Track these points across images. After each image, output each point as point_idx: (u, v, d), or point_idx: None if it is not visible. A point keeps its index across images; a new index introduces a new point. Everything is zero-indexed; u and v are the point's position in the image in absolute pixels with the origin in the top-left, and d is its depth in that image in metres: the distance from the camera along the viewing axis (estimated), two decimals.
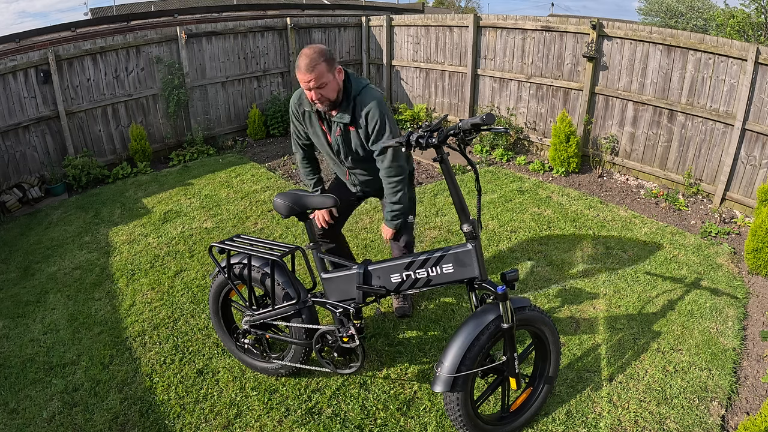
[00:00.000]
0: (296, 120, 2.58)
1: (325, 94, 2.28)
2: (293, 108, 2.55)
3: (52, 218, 4.91)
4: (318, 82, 2.23)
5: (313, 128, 2.54)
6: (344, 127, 2.44)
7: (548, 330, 2.16)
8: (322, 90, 2.26)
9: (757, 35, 9.74)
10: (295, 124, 2.62)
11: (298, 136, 2.67)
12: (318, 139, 2.58)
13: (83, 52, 5.79)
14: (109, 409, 2.43)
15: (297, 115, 2.56)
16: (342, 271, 2.21)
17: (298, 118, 2.56)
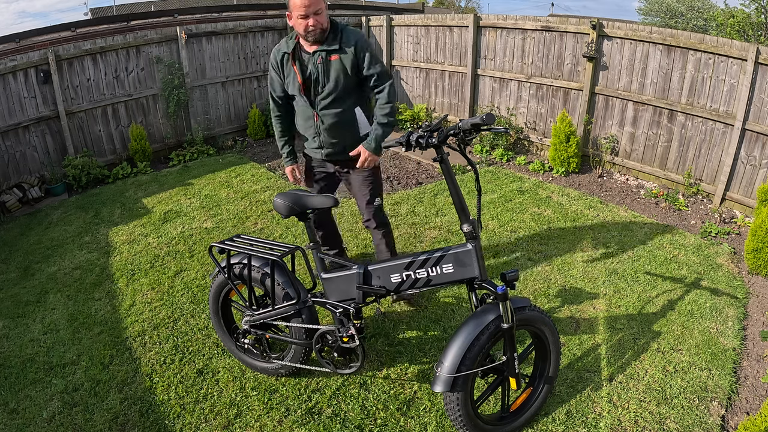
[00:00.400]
0: (275, 69, 2.70)
1: (320, 20, 2.45)
2: (273, 57, 2.68)
3: (52, 218, 4.91)
4: (316, 7, 2.41)
5: (287, 72, 2.65)
6: (327, 55, 2.55)
7: (548, 330, 2.16)
8: (318, 16, 2.43)
9: (757, 35, 9.74)
10: (273, 75, 2.73)
11: (274, 88, 2.77)
12: (290, 81, 2.66)
13: (83, 52, 5.79)
14: (109, 409, 2.43)
15: (276, 63, 2.67)
16: (342, 271, 2.22)
17: (277, 66, 2.67)
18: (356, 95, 2.70)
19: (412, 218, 4.43)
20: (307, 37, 2.50)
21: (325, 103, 2.63)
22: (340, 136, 2.71)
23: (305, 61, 2.60)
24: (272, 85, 2.78)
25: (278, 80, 2.73)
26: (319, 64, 2.55)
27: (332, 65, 2.57)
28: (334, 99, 2.62)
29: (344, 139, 2.72)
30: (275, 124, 2.90)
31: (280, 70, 2.69)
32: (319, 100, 2.64)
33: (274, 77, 2.73)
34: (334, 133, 2.71)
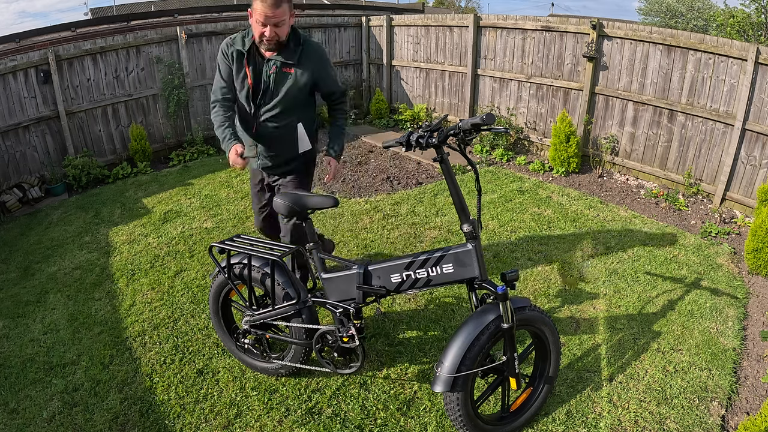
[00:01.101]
0: (224, 62, 2.50)
1: (279, 33, 2.31)
2: (224, 49, 2.48)
3: (52, 218, 4.91)
4: (278, 19, 2.26)
5: (237, 70, 2.49)
6: (281, 66, 2.43)
7: (548, 330, 2.16)
8: (277, 29, 2.29)
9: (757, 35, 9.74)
10: (221, 69, 2.52)
11: (221, 84, 2.54)
12: (239, 82, 2.51)
13: (83, 52, 5.79)
14: (109, 409, 2.43)
15: (226, 57, 2.48)
16: (342, 271, 2.22)
17: (227, 60, 2.49)
18: (301, 111, 2.59)
19: (412, 218, 4.43)
20: (260, 45, 2.37)
21: (269, 115, 2.51)
22: (277, 149, 2.61)
23: (258, 66, 2.45)
24: (219, 81, 2.54)
25: (227, 72, 2.51)
26: (272, 74, 2.43)
27: (286, 78, 2.45)
28: (279, 112, 2.51)
29: (281, 154, 2.62)
30: (217, 117, 2.53)
31: (231, 62, 2.50)
32: (263, 111, 2.51)
33: (224, 70, 2.51)
34: (271, 146, 2.60)
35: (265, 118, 2.53)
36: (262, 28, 2.27)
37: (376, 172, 5.66)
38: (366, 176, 5.57)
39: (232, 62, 2.48)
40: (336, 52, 8.08)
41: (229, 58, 2.48)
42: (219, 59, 2.52)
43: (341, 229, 4.27)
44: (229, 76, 2.52)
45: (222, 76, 2.53)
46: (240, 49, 2.44)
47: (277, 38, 2.32)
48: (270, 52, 2.41)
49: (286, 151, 2.62)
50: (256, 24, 2.29)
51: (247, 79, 2.47)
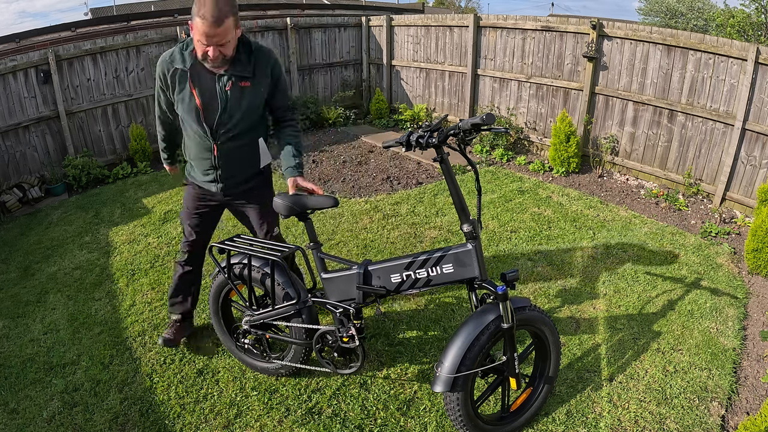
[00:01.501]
0: (163, 82, 2.23)
1: (224, 51, 2.04)
2: (162, 68, 2.20)
3: (52, 218, 4.91)
4: (222, 39, 1.98)
5: (181, 91, 2.19)
6: (237, 81, 2.16)
7: (548, 330, 2.16)
8: (222, 48, 2.02)
9: (757, 35, 9.74)
10: (161, 89, 2.28)
11: (160, 102, 2.36)
12: (185, 105, 2.21)
13: (83, 52, 5.79)
14: (109, 409, 2.43)
15: (164, 78, 2.21)
16: (342, 272, 2.21)
17: (166, 80, 2.20)
18: (261, 125, 2.40)
19: (412, 218, 4.43)
20: (203, 62, 2.10)
21: (231, 134, 2.27)
22: (241, 169, 2.41)
23: (206, 83, 2.16)
24: (159, 101, 2.36)
25: (168, 93, 2.26)
26: (228, 91, 2.17)
27: (244, 93, 2.20)
28: (241, 130, 2.28)
29: (245, 172, 2.43)
30: (161, 138, 2.55)
31: (169, 86, 2.22)
32: (222, 132, 2.25)
33: (163, 93, 2.30)
34: (234, 167, 2.38)
35: (226, 139, 2.28)
36: (203, 47, 2.01)
37: (376, 172, 5.66)
38: (366, 176, 5.57)
39: (172, 83, 2.20)
40: (336, 52, 8.08)
41: (168, 78, 2.19)
42: (156, 80, 2.25)
43: (341, 229, 4.27)
44: (168, 102, 2.31)
45: (159, 101, 2.35)
46: (181, 68, 2.15)
47: (223, 57, 2.07)
48: (218, 68, 2.14)
49: (249, 168, 2.44)
50: (196, 43, 2.03)
51: (195, 100, 2.18)
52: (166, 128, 2.53)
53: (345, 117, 7.86)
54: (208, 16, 1.90)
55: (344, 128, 7.68)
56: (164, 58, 2.20)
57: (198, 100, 2.17)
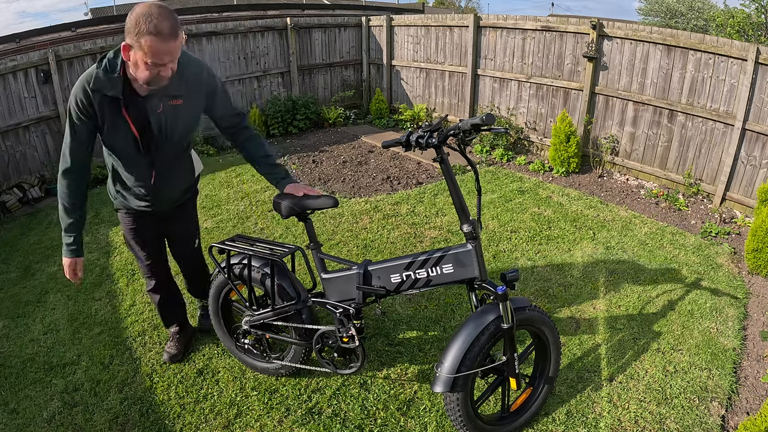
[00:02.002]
0: (84, 111, 1.91)
1: (174, 68, 1.83)
2: (82, 96, 1.88)
3: (53, 218, 4.91)
4: (178, 53, 1.78)
5: (113, 120, 1.93)
6: (168, 100, 1.98)
7: (548, 330, 2.16)
8: (173, 63, 1.81)
9: (757, 35, 9.73)
10: (77, 126, 1.94)
11: (76, 146, 1.99)
12: (118, 134, 1.98)
13: (83, 52, 5.80)
14: (109, 409, 2.43)
15: (87, 105, 1.89)
16: (342, 272, 2.21)
17: (89, 109, 1.90)
18: (191, 138, 2.33)
19: (412, 218, 4.43)
20: (149, 84, 1.83)
21: (169, 157, 2.15)
22: (178, 186, 2.36)
23: (138, 108, 1.94)
24: (75, 133, 1.96)
25: (86, 131, 1.96)
26: (161, 114, 1.98)
27: (178, 113, 2.03)
28: (178, 150, 2.18)
29: (180, 187, 2.38)
30: (65, 195, 2.07)
31: (94, 115, 1.92)
32: (159, 156, 2.10)
33: (82, 125, 1.94)
34: (173, 185, 2.30)
35: (164, 162, 2.15)
36: (157, 68, 1.75)
37: (376, 172, 5.66)
38: (366, 176, 5.57)
39: (100, 112, 1.91)
40: (336, 52, 8.08)
41: (95, 107, 1.90)
42: (73, 111, 1.92)
43: (341, 229, 4.27)
44: (90, 134, 1.98)
45: (76, 135, 1.96)
46: (111, 95, 1.88)
47: (173, 73, 1.84)
48: (143, 88, 1.89)
49: (185, 182, 2.40)
50: (146, 67, 1.75)
51: (131, 129, 1.96)
52: (76, 172, 2.05)
53: (345, 117, 7.86)
54: (163, 29, 1.66)
55: (344, 128, 7.68)
56: (83, 86, 1.87)
57: (134, 129, 1.96)
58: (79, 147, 2.00)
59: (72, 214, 2.11)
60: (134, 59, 1.75)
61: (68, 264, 2.17)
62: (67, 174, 2.05)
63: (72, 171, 2.04)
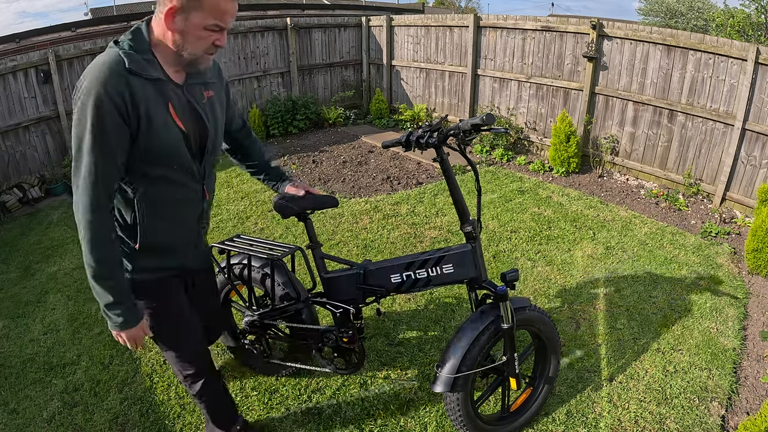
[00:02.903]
0: (125, 114, 1.35)
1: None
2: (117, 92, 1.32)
3: (53, 218, 4.91)
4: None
5: (160, 118, 1.43)
6: (204, 89, 1.61)
7: (548, 330, 2.16)
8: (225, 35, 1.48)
9: (757, 35, 9.73)
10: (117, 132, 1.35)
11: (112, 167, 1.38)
12: (169, 138, 1.47)
13: (83, 53, 5.80)
14: (109, 409, 2.43)
15: (128, 102, 1.35)
16: (342, 272, 2.21)
17: (128, 109, 1.35)
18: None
19: (412, 218, 4.43)
20: (197, 61, 1.46)
21: (210, 165, 1.70)
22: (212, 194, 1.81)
23: (179, 98, 1.51)
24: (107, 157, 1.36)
25: (123, 142, 1.38)
26: (205, 104, 1.60)
27: (214, 107, 1.64)
28: (215, 153, 1.73)
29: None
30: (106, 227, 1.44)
31: (133, 119, 1.37)
32: (205, 164, 1.65)
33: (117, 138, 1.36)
34: (211, 197, 1.77)
35: (209, 174, 1.70)
36: (216, 34, 1.43)
37: (376, 172, 5.66)
38: (366, 176, 5.57)
39: (140, 110, 1.37)
40: (336, 52, 8.09)
41: (135, 102, 1.36)
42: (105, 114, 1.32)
43: (341, 229, 4.27)
44: (126, 148, 1.40)
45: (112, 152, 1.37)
46: (158, 76, 1.43)
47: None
48: (179, 73, 1.51)
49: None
50: (198, 33, 1.39)
51: (179, 128, 1.49)
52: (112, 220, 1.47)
53: (345, 117, 7.87)
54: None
55: (344, 128, 7.68)
56: (115, 72, 1.33)
57: (180, 123, 1.49)
58: (115, 171, 1.40)
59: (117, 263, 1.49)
60: (183, 27, 1.37)
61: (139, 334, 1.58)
62: (103, 212, 1.42)
63: (104, 207, 1.42)
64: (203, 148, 1.62)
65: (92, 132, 1.32)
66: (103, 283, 1.46)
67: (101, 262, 1.44)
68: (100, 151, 1.35)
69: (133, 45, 1.40)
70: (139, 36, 1.42)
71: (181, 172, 1.55)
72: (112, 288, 1.47)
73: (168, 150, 1.48)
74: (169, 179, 1.53)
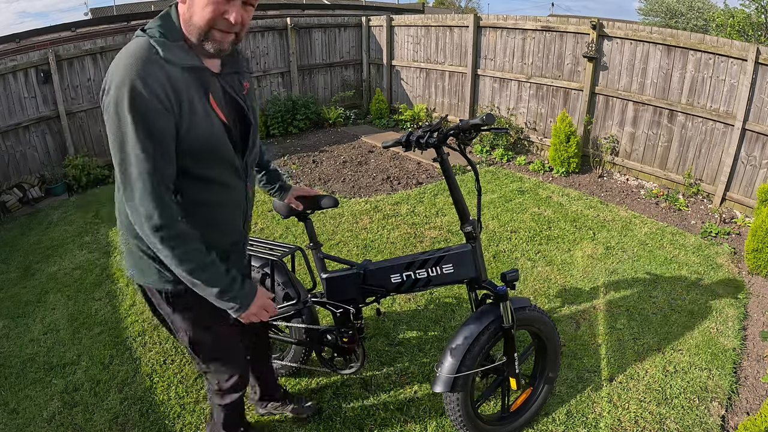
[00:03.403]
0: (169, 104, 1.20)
1: (246, 19, 1.31)
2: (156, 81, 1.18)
3: (53, 218, 4.91)
4: None
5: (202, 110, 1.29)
6: (241, 81, 1.48)
7: (548, 330, 2.16)
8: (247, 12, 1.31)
9: (757, 35, 9.73)
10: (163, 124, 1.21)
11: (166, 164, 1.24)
12: (213, 131, 1.32)
13: (83, 52, 5.80)
14: (109, 409, 2.43)
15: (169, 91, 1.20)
16: (342, 272, 2.21)
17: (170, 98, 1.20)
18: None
19: (412, 218, 4.43)
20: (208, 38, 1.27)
21: (252, 162, 1.59)
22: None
23: (216, 88, 1.36)
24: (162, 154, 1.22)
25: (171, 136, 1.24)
26: (246, 96, 1.47)
27: (253, 98, 1.54)
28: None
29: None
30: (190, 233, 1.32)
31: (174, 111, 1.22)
32: (248, 159, 1.53)
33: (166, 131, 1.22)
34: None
35: (251, 170, 1.58)
36: (228, 5, 1.23)
37: (376, 172, 5.66)
38: (366, 176, 5.57)
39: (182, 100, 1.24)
40: (336, 52, 8.09)
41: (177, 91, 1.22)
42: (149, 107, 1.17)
43: (341, 229, 4.27)
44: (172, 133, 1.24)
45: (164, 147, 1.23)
46: (196, 64, 1.28)
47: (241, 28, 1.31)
48: (212, 61, 1.36)
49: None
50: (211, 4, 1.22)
51: (221, 120, 1.35)
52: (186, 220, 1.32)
53: (345, 117, 7.87)
54: None
55: (344, 128, 7.68)
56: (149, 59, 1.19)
57: (221, 114, 1.35)
58: (171, 164, 1.26)
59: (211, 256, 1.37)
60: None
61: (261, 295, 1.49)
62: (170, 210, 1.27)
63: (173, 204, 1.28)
64: (245, 142, 1.49)
65: (134, 122, 1.15)
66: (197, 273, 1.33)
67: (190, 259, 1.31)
68: (150, 140, 1.18)
69: (164, 32, 1.25)
70: (168, 22, 1.27)
71: (225, 169, 1.41)
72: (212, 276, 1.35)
73: (212, 145, 1.33)
74: (213, 178, 1.39)
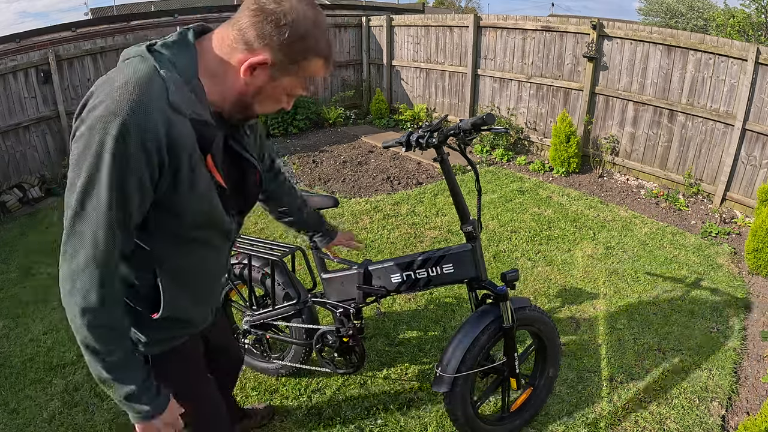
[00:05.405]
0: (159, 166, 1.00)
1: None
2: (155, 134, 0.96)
3: (53, 218, 4.90)
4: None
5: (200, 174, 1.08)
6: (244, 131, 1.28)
7: (548, 330, 2.16)
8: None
9: (757, 35, 9.74)
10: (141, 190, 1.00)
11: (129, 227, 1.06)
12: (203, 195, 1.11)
13: (83, 52, 5.80)
14: (109, 409, 2.43)
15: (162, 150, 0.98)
16: (342, 272, 2.21)
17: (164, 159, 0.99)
18: None
19: (412, 218, 4.43)
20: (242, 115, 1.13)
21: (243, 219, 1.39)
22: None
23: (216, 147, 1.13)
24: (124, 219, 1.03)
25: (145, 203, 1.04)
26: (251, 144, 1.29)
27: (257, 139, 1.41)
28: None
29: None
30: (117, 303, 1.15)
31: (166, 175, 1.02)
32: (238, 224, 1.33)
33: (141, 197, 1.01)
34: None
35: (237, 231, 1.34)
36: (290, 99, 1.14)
37: (376, 172, 5.66)
38: (366, 176, 5.57)
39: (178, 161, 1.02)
40: (336, 52, 8.08)
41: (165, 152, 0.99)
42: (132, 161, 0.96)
43: (341, 229, 4.27)
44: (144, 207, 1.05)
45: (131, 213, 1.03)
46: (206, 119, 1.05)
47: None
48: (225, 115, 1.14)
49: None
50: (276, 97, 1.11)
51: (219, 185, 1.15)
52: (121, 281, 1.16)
53: (345, 117, 7.87)
54: (331, 55, 1.11)
55: (344, 128, 7.68)
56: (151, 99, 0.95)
57: (220, 178, 1.15)
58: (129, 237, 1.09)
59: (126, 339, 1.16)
60: (264, 84, 1.06)
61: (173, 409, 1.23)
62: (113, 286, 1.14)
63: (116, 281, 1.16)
64: (246, 203, 1.32)
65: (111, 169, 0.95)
66: (116, 369, 1.12)
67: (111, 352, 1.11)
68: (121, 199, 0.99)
69: (177, 63, 1.02)
70: (184, 52, 1.04)
71: (215, 235, 1.23)
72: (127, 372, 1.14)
73: (203, 212, 1.14)
74: (199, 242, 1.21)
